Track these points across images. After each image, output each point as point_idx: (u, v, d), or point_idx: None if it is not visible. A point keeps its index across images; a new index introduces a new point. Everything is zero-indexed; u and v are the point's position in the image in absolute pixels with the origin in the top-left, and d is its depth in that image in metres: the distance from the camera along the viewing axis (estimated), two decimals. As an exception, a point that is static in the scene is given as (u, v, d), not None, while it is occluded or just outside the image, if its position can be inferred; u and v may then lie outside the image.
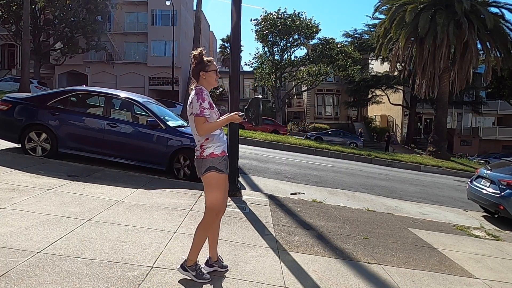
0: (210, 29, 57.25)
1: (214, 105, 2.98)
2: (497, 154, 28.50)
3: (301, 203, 6.40)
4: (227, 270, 3.32)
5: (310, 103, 41.67)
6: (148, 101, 7.58)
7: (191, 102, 2.89)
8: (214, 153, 2.93)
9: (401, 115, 36.48)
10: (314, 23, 30.00)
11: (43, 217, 3.95)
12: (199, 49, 2.99)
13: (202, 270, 3.09)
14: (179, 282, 2.99)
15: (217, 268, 3.27)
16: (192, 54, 2.99)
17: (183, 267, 3.03)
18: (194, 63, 2.99)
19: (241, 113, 2.98)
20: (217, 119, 2.96)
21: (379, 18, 27.87)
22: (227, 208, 5.27)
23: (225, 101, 32.02)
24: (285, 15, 29.63)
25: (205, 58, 2.98)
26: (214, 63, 3.01)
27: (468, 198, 8.71)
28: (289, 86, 35.17)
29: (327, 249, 4.31)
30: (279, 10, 30.08)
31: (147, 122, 6.87)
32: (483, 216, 8.20)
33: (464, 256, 4.84)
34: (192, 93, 2.93)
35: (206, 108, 2.85)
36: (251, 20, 30.74)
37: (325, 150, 17.20)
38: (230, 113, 3.11)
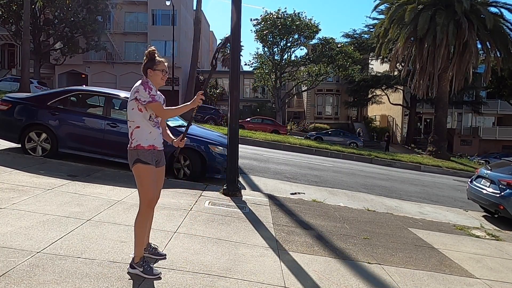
0: (210, 29, 57.25)
1: (159, 96, 3.09)
2: (497, 154, 28.47)
3: (301, 203, 6.40)
4: (165, 258, 3.31)
5: (310, 103, 41.64)
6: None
7: (137, 91, 2.97)
8: (141, 145, 3.01)
9: (401, 115, 36.47)
10: (314, 23, 30.00)
11: (43, 217, 3.95)
12: (151, 48, 3.10)
13: (151, 265, 3.07)
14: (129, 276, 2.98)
15: (149, 255, 3.29)
16: (145, 52, 3.11)
17: (131, 265, 3.04)
18: (145, 60, 3.09)
19: (201, 96, 3.07)
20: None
21: (378, 18, 27.89)
22: (227, 208, 5.31)
23: (225, 101, 32.02)
24: (285, 15, 29.61)
25: (156, 58, 3.06)
26: (165, 64, 3.10)
27: (468, 198, 8.71)
28: (289, 86, 35.16)
29: (327, 249, 4.31)
30: (279, 10, 30.09)
31: (147, 122, 6.86)
32: (483, 216, 8.20)
33: (464, 256, 4.84)
34: (138, 82, 3.04)
35: (155, 95, 2.98)
36: (251, 20, 30.72)
37: (325, 150, 17.19)
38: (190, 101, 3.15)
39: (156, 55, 3.07)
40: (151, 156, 3.04)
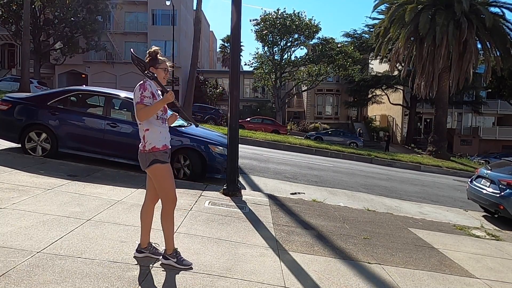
0: (210, 29, 57.20)
1: (158, 96, 3.11)
2: (497, 154, 28.46)
3: (301, 203, 6.40)
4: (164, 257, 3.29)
5: (310, 103, 41.64)
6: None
7: (134, 92, 3.07)
8: (156, 147, 3.09)
9: (401, 115, 36.47)
10: (314, 23, 30.01)
11: (43, 217, 3.95)
12: (155, 48, 3.20)
13: (183, 256, 3.25)
14: (161, 266, 2.99)
15: (149, 254, 3.33)
16: (148, 51, 3.19)
17: (164, 256, 3.21)
18: (147, 58, 3.18)
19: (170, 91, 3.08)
20: (161, 109, 3.12)
21: (378, 18, 27.89)
22: (227, 208, 5.31)
23: (225, 100, 32.01)
24: (285, 15, 29.62)
25: (158, 56, 3.17)
26: (167, 63, 3.22)
27: (468, 198, 8.71)
28: (289, 86, 35.16)
29: (327, 249, 4.30)
30: (278, 10, 30.14)
31: (147, 122, 6.86)
32: (483, 216, 8.20)
33: (464, 256, 4.84)
34: (138, 84, 3.11)
35: (147, 97, 3.01)
36: (250, 21, 30.78)
37: (325, 150, 17.20)
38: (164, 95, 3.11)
39: (159, 54, 3.18)
40: (165, 156, 3.14)
